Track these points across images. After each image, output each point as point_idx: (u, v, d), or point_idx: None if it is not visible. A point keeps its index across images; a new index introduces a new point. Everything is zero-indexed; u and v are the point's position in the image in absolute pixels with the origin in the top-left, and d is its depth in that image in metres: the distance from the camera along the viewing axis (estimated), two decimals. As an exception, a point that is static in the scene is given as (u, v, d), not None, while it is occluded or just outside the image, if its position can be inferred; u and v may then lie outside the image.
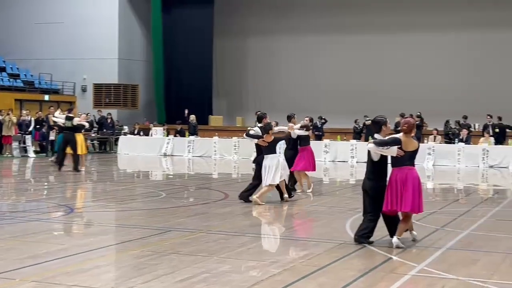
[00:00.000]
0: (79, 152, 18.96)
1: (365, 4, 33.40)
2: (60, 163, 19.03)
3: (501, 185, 18.81)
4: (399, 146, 8.45)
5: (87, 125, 21.22)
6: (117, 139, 29.08)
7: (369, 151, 8.68)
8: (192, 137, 27.45)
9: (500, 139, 24.86)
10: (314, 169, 14.63)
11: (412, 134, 8.61)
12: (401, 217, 8.69)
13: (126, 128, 31.63)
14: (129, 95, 34.65)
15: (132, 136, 29.46)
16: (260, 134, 12.71)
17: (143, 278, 6.80)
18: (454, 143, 24.94)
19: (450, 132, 27.10)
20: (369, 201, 8.71)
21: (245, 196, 12.81)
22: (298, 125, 14.52)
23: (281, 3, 35.13)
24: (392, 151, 8.42)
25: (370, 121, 27.11)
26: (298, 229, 9.97)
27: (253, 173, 13.36)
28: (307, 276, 6.99)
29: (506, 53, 31.10)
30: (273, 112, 34.78)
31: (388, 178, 8.64)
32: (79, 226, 10.19)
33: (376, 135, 8.77)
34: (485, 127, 26.02)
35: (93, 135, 29.49)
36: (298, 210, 11.99)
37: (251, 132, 13.16)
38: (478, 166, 23.00)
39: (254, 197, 12.51)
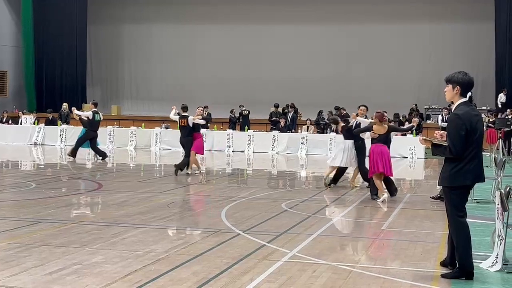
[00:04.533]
0: None
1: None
2: None
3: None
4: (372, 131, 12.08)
5: None
6: (-16, 128, 27.77)
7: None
8: (64, 126, 26.67)
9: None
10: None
11: (384, 123, 12.15)
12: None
13: (-7, 116, 30.28)
14: (-3, 82, 33.19)
15: (0, 124, 28.25)
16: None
17: (10, 271, 6.55)
18: (326, 132, 25.76)
19: (321, 122, 27.90)
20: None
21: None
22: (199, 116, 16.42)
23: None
24: (367, 136, 12.43)
25: (246, 111, 27.55)
26: (173, 218, 9.95)
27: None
28: (182, 265, 6.99)
29: (377, 45, 32.34)
30: (151, 100, 34.73)
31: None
32: None
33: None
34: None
35: (-43, 123, 28.02)
36: (173, 199, 11.95)
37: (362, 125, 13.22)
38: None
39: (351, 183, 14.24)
